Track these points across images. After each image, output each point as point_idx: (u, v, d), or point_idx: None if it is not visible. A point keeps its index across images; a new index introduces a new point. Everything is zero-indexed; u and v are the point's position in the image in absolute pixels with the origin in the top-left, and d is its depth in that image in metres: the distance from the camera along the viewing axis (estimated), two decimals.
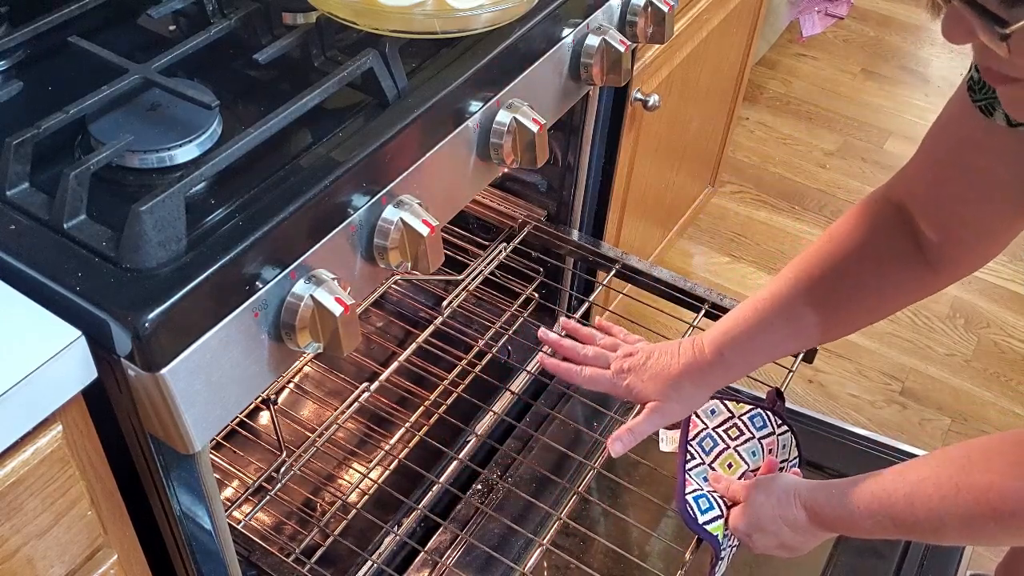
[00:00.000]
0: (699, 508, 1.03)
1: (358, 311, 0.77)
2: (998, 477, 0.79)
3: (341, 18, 0.85)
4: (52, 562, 0.72)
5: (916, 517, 0.85)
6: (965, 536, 0.85)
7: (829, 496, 0.91)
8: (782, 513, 0.95)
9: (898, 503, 0.86)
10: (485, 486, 1.35)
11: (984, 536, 0.83)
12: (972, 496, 0.80)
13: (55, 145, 0.78)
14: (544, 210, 1.44)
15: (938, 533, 0.85)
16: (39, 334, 0.64)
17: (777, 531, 0.96)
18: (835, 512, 0.91)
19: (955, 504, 0.81)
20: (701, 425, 1.13)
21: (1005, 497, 0.78)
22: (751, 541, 1.00)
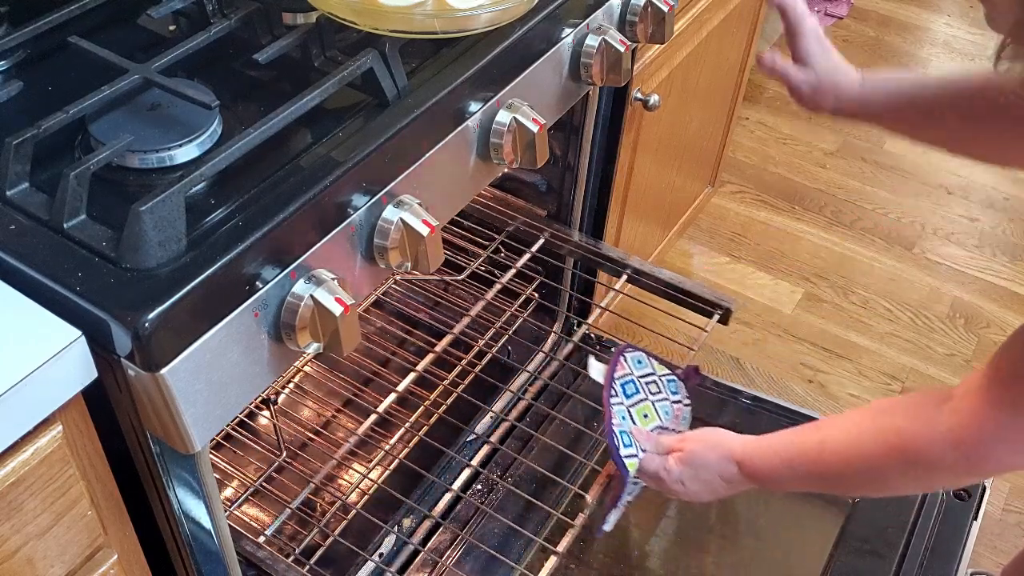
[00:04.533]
0: (623, 442, 1.12)
1: (358, 311, 0.77)
2: (900, 420, 0.81)
3: (341, 18, 0.85)
4: (52, 562, 0.72)
5: (826, 463, 0.88)
6: (870, 480, 0.87)
7: (759, 449, 0.96)
8: (719, 466, 1.00)
9: (811, 450, 0.90)
10: (485, 486, 1.35)
11: (888, 481, 0.85)
12: (875, 439, 0.83)
13: (55, 145, 0.78)
14: (544, 210, 1.44)
15: (846, 480, 0.89)
16: (39, 334, 0.64)
17: (711, 480, 1.01)
18: (764, 463, 0.95)
19: (860, 447, 0.84)
20: (627, 369, 1.22)
21: (905, 438, 0.80)
22: (682, 488, 1.04)
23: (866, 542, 1.26)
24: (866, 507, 1.30)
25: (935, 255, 2.20)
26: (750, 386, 1.56)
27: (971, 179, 2.39)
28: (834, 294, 2.09)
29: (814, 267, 2.16)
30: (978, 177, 2.40)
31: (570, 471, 1.36)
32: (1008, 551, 1.61)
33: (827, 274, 2.14)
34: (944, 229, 2.26)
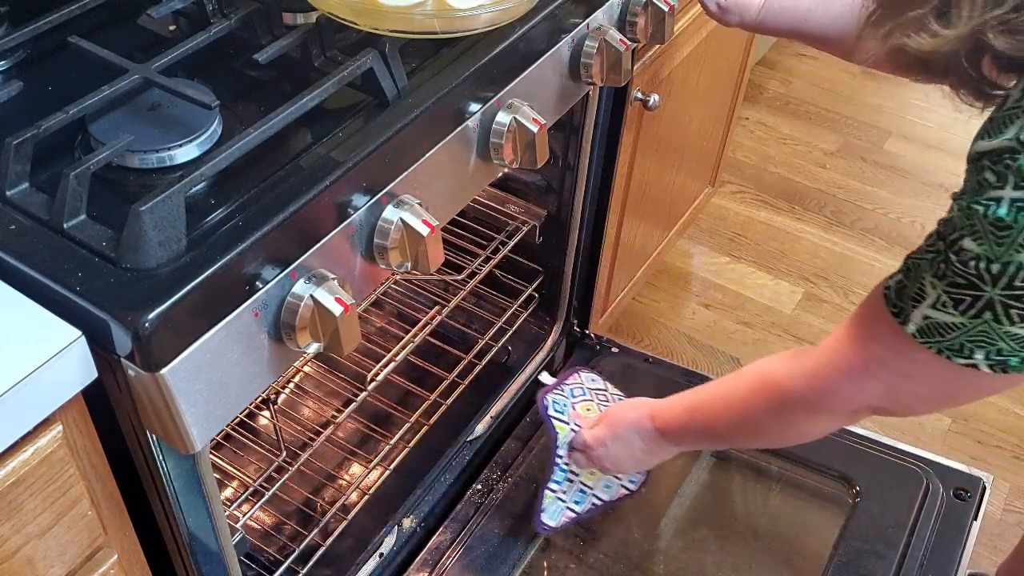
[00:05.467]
0: (554, 406, 1.23)
1: (358, 311, 0.77)
2: (774, 364, 0.90)
3: (341, 18, 0.85)
4: (52, 562, 0.72)
5: (717, 410, 0.98)
6: (747, 425, 0.95)
7: (669, 402, 1.05)
8: (636, 422, 1.08)
9: (709, 397, 0.99)
10: (485, 486, 1.35)
11: (760, 422, 0.93)
12: (751, 382, 0.93)
13: (55, 145, 0.78)
14: (544, 210, 1.44)
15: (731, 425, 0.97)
16: (39, 334, 0.64)
17: (629, 438, 1.09)
18: (672, 415, 1.04)
19: (739, 390, 0.94)
20: (579, 380, 1.32)
21: (771, 379, 0.89)
22: (605, 451, 1.12)
23: (866, 542, 1.26)
24: (866, 507, 1.30)
25: None
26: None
27: None
28: (834, 294, 2.09)
29: (814, 267, 2.15)
30: None
31: None
32: (1008, 551, 1.61)
33: (827, 274, 2.14)
34: None
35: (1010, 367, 0.69)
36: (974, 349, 0.69)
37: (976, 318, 0.67)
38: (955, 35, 0.61)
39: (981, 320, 0.67)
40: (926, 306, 0.70)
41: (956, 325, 0.69)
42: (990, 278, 0.64)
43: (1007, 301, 0.65)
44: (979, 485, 1.32)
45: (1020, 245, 0.61)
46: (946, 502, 1.30)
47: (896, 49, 0.65)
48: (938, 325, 0.70)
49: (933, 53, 0.63)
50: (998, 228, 0.62)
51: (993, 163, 0.62)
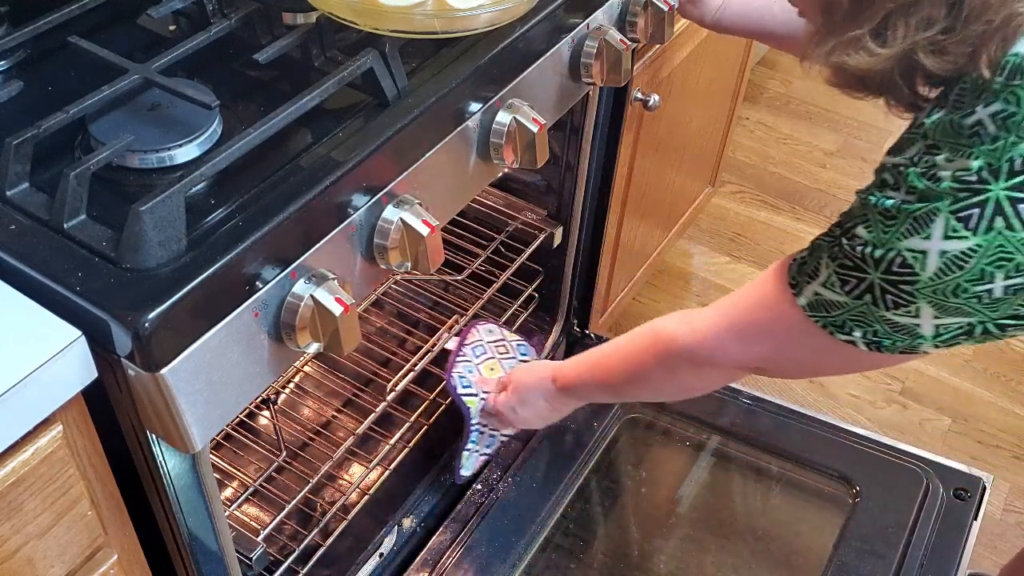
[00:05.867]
0: (461, 384, 1.29)
1: (358, 311, 0.77)
2: (668, 320, 0.97)
3: (341, 18, 0.85)
4: (52, 562, 0.72)
5: (612, 365, 1.05)
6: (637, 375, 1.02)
7: (570, 361, 1.14)
8: (538, 384, 1.17)
9: (606, 354, 1.07)
10: (485, 486, 1.35)
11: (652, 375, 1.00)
12: (642, 336, 1.00)
13: (55, 145, 0.78)
14: (544, 210, 1.44)
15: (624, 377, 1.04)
16: (39, 334, 0.64)
17: (535, 401, 1.18)
18: (572, 372, 1.12)
19: (630, 345, 1.02)
20: (478, 336, 1.38)
21: (668, 332, 0.95)
22: (515, 415, 1.21)
23: (866, 542, 1.26)
24: (866, 507, 1.30)
25: None
26: (750, 386, 1.56)
27: None
28: None
29: None
30: None
31: (570, 471, 1.36)
32: (1008, 551, 1.61)
33: None
34: None
35: (883, 347, 0.77)
36: (854, 328, 0.76)
37: (858, 299, 0.74)
38: (890, 54, 0.67)
39: (862, 302, 0.74)
40: (818, 283, 0.77)
41: (841, 304, 0.76)
42: (873, 263, 0.71)
43: (885, 286, 0.72)
44: (979, 485, 1.32)
45: (902, 234, 0.69)
46: (946, 502, 1.30)
47: (837, 66, 0.71)
48: (825, 302, 0.77)
49: (870, 71, 0.69)
50: (886, 217, 0.70)
51: (892, 171, 0.71)
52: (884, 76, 0.69)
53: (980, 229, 0.66)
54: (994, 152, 0.65)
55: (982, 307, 0.70)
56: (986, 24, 0.63)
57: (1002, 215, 0.65)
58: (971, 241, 0.66)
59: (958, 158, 0.66)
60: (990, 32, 0.63)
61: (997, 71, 0.64)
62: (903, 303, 0.71)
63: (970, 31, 0.63)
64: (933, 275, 0.69)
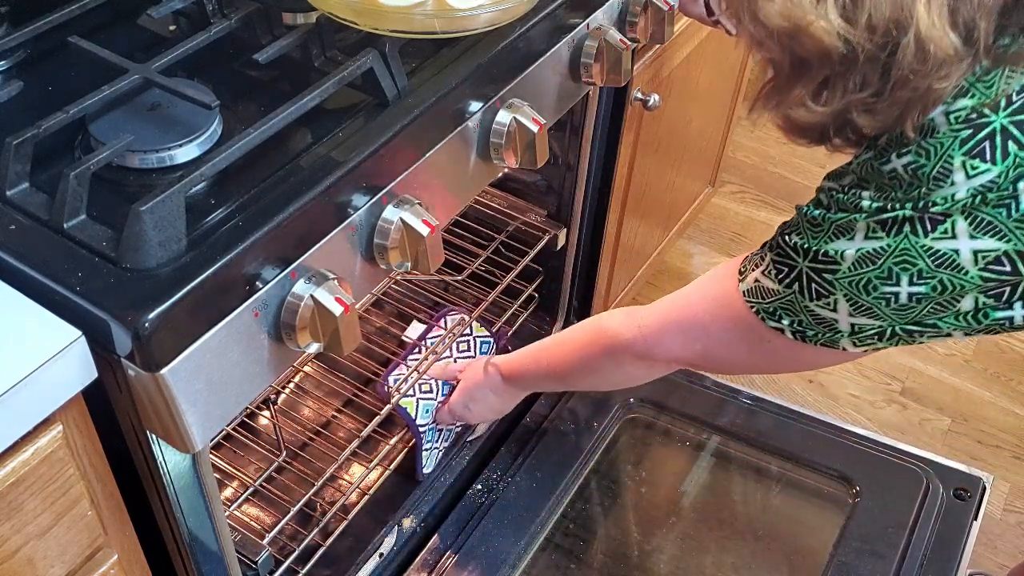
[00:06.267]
0: (393, 381, 1.31)
1: (358, 311, 0.77)
2: (614, 315, 1.07)
3: (341, 18, 0.85)
4: (52, 562, 0.72)
5: (557, 355, 1.16)
6: (584, 367, 1.12)
7: (516, 353, 1.24)
8: (489, 383, 1.26)
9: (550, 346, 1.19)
10: (485, 486, 1.35)
11: (598, 365, 1.10)
12: (587, 330, 1.11)
13: (55, 145, 0.78)
14: (544, 210, 1.44)
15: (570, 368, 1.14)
16: (39, 334, 0.64)
17: (484, 397, 1.27)
18: (518, 362, 1.22)
19: (576, 338, 1.13)
20: (442, 330, 1.41)
21: (612, 326, 1.06)
22: (468, 412, 1.30)
23: (866, 542, 1.26)
24: (866, 507, 1.31)
25: None
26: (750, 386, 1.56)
27: None
28: None
29: None
30: None
31: (570, 471, 1.36)
32: (1008, 551, 1.61)
33: None
34: None
35: (807, 337, 0.85)
36: (783, 315, 0.85)
37: (788, 288, 0.83)
38: (827, 111, 0.74)
39: (791, 291, 0.83)
40: (759, 272, 0.87)
41: (773, 291, 0.85)
42: (803, 252, 0.81)
43: (810, 274, 0.81)
44: (979, 485, 1.32)
45: (826, 239, 0.79)
46: (946, 502, 1.31)
47: (783, 117, 0.79)
48: (762, 289, 0.86)
49: (808, 123, 0.77)
50: (813, 224, 0.80)
51: (827, 193, 0.81)
52: (824, 129, 0.77)
53: (891, 232, 0.75)
54: (908, 197, 0.74)
55: (890, 311, 0.79)
56: (912, 91, 0.70)
57: (909, 223, 0.74)
58: (883, 241, 0.76)
59: (880, 199, 0.76)
60: (915, 99, 0.71)
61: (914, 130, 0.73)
62: (824, 293, 0.80)
63: (897, 96, 0.71)
64: (850, 267, 0.78)
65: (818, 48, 0.71)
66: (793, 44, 0.72)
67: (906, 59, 0.69)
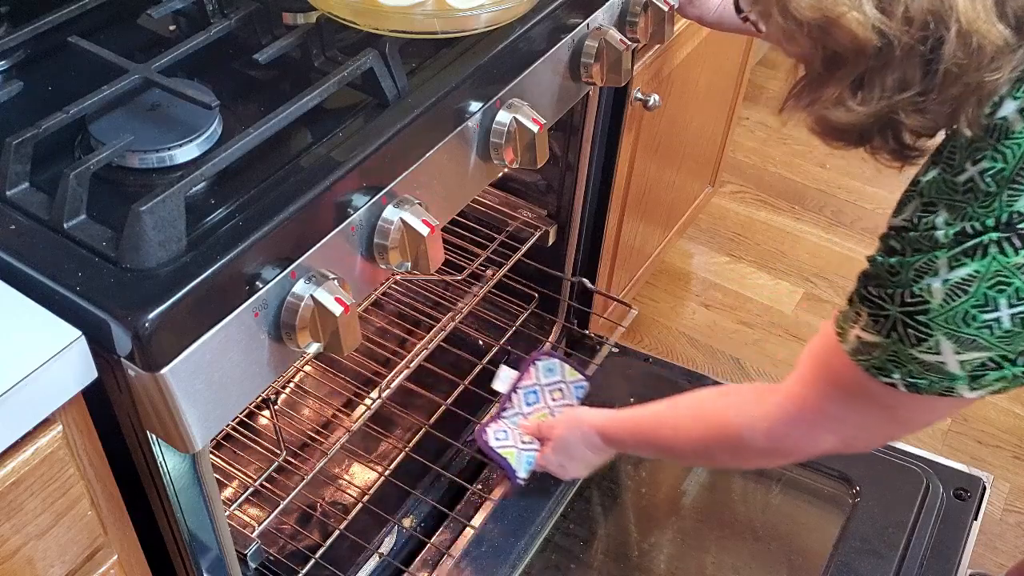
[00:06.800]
0: (495, 437, 1.29)
1: (358, 311, 0.77)
2: (732, 414, 0.99)
3: (341, 18, 0.85)
4: (52, 562, 0.72)
5: (673, 445, 1.09)
6: (704, 458, 1.11)
7: (616, 423, 1.18)
8: (586, 442, 1.21)
9: (655, 429, 1.11)
10: (485, 486, 1.35)
11: (717, 460, 1.09)
12: (710, 428, 1.02)
13: (55, 145, 0.78)
14: (544, 210, 1.44)
15: (686, 456, 1.14)
16: (39, 334, 0.64)
17: (582, 455, 1.23)
18: (621, 437, 1.17)
19: (691, 432, 1.05)
20: (533, 379, 1.36)
21: (731, 430, 0.98)
22: (563, 471, 1.26)
23: (866, 542, 1.26)
24: (866, 507, 1.30)
25: None
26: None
27: None
28: (834, 294, 2.09)
29: (814, 267, 2.16)
30: None
31: None
32: (1008, 551, 1.61)
33: (827, 274, 2.14)
34: None
35: (920, 388, 0.77)
36: (892, 369, 0.78)
37: (887, 337, 0.76)
38: (869, 112, 0.70)
39: (891, 340, 0.76)
40: (858, 328, 0.80)
41: (877, 344, 0.78)
42: (889, 298, 0.75)
43: (904, 319, 0.74)
44: (979, 485, 1.32)
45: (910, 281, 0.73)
46: (946, 502, 1.30)
47: (817, 118, 0.74)
48: (865, 344, 0.79)
49: (849, 125, 0.72)
50: (892, 273, 0.75)
51: (896, 237, 0.75)
52: (864, 130, 0.72)
53: (976, 256, 0.70)
54: (988, 209, 0.69)
55: (995, 340, 0.72)
56: (962, 87, 0.67)
57: (996, 245, 0.69)
58: (970, 267, 0.70)
59: (956, 220, 0.71)
60: (966, 95, 0.67)
61: (986, 132, 0.69)
62: (923, 337, 0.74)
63: (948, 94, 0.67)
64: (942, 302, 0.71)
65: (851, 41, 0.67)
66: (825, 38, 0.69)
67: (949, 53, 0.65)
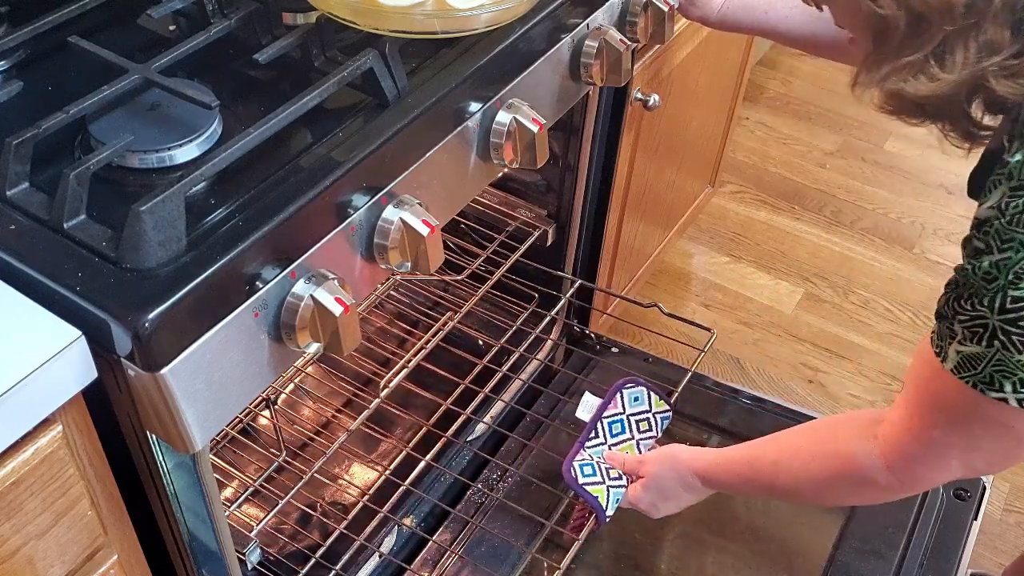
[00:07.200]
0: (582, 472, 1.19)
1: (358, 311, 0.77)
2: (843, 447, 0.93)
3: (341, 18, 0.85)
4: (52, 562, 0.72)
5: (780, 484, 1.01)
6: (818, 497, 1.02)
7: (717, 464, 1.10)
8: (682, 483, 1.13)
9: (765, 473, 1.02)
10: (485, 486, 1.35)
11: (835, 499, 1.03)
12: (823, 465, 0.96)
13: (55, 145, 0.78)
14: (544, 210, 1.44)
15: (797, 496, 1.04)
16: (39, 334, 0.64)
17: (678, 497, 1.15)
18: (723, 479, 1.09)
19: (809, 473, 0.97)
20: (619, 408, 1.27)
21: (848, 466, 0.93)
22: (655, 510, 1.17)
23: (866, 542, 1.26)
24: (866, 507, 1.30)
25: (935, 255, 2.20)
26: (750, 386, 1.56)
27: None
28: (834, 294, 2.09)
29: (814, 267, 2.16)
30: None
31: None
32: (1008, 551, 1.61)
33: (827, 274, 2.14)
34: (944, 229, 2.26)
35: None
36: (1002, 381, 0.73)
37: (990, 347, 0.72)
38: (954, 79, 0.65)
39: (994, 348, 0.71)
40: (956, 343, 0.75)
41: (979, 355, 0.73)
42: (986, 307, 0.70)
43: (1006, 327, 0.70)
44: (979, 485, 1.32)
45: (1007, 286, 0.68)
46: (946, 502, 1.30)
47: (893, 92, 0.69)
48: (967, 358, 0.74)
49: (930, 96, 0.67)
50: (988, 280, 0.70)
51: (980, 231, 0.69)
52: (946, 102, 0.67)
53: None
54: None
55: None
56: None
57: None
58: None
59: None
60: None
61: None
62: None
63: None
64: None
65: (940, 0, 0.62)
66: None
67: None
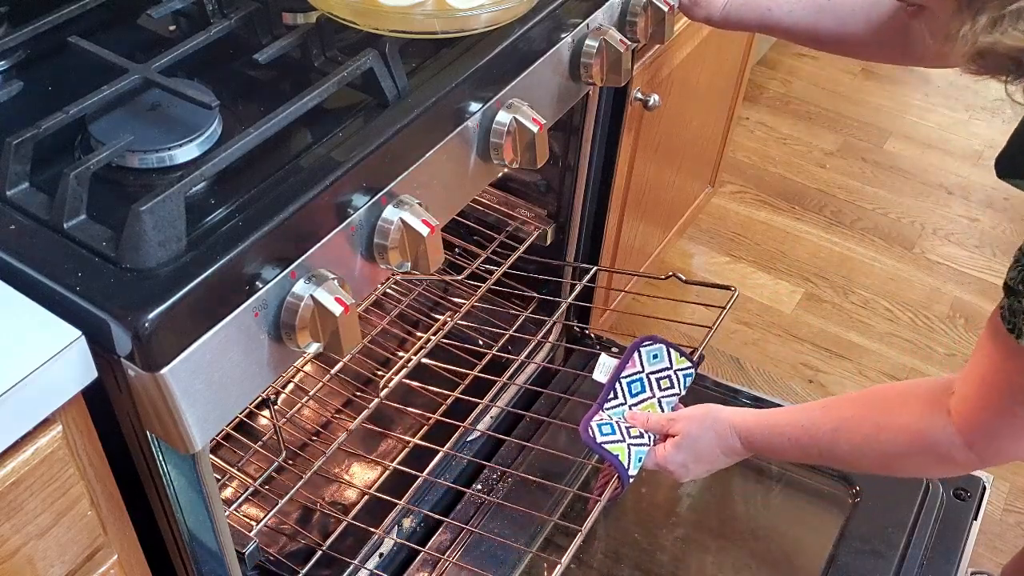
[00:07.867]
0: (600, 431, 1.11)
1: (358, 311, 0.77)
2: (911, 419, 0.89)
3: (341, 18, 0.85)
4: (52, 562, 0.72)
5: (841, 451, 0.96)
6: (887, 467, 0.97)
7: (762, 425, 1.03)
8: (721, 444, 1.05)
9: (824, 437, 0.96)
10: (485, 486, 1.34)
11: (906, 469, 0.97)
12: (892, 436, 0.91)
13: (55, 145, 0.78)
14: (544, 210, 1.44)
15: (858, 464, 0.99)
16: (39, 334, 0.64)
17: (713, 459, 1.07)
18: (769, 441, 1.03)
19: (876, 441, 0.93)
20: (638, 367, 1.19)
21: (920, 439, 0.88)
22: (685, 471, 1.08)
23: (866, 542, 1.26)
24: (866, 507, 1.30)
25: (935, 255, 2.20)
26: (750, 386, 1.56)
27: (971, 179, 2.39)
28: (834, 294, 2.09)
29: (814, 267, 2.16)
30: (978, 177, 2.40)
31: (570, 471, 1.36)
32: (1008, 551, 1.61)
33: (827, 274, 2.14)
34: (944, 229, 2.26)
35: None
36: None
37: None
38: None
39: None
40: None
41: None
42: None
43: None
44: (979, 485, 1.32)
45: None
46: (946, 502, 1.30)
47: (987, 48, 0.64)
48: None
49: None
50: None
51: None
52: None
53: None
54: None
55: None
56: None
57: None
58: None
59: None
60: None
61: None
62: None
63: None
64: None
65: None
66: None
67: None
